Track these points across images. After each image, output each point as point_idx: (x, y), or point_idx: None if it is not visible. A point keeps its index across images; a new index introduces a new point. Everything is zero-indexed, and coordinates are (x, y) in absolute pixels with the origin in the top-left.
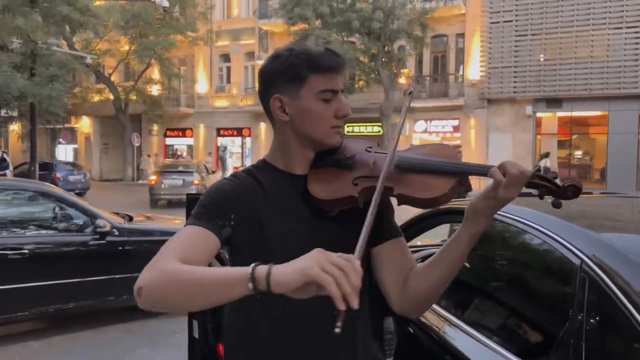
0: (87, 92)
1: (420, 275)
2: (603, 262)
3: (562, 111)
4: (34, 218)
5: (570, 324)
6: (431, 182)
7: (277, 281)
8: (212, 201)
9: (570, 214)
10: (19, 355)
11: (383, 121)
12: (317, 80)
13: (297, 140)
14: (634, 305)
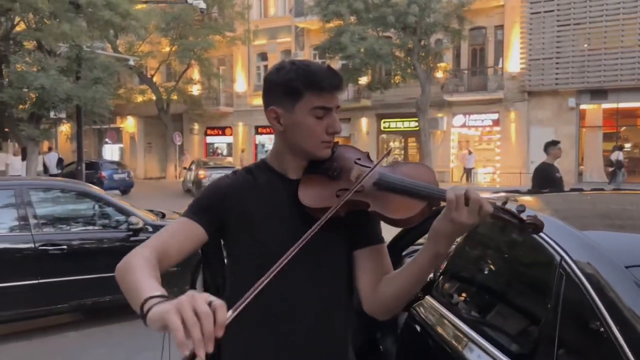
0: (130, 93)
1: (388, 283)
2: (581, 260)
3: (607, 103)
4: (74, 216)
5: (545, 319)
6: (403, 203)
7: (150, 316)
8: (207, 195)
9: (561, 210)
10: (58, 345)
11: (419, 116)
12: (311, 97)
13: (290, 149)
14: (606, 306)
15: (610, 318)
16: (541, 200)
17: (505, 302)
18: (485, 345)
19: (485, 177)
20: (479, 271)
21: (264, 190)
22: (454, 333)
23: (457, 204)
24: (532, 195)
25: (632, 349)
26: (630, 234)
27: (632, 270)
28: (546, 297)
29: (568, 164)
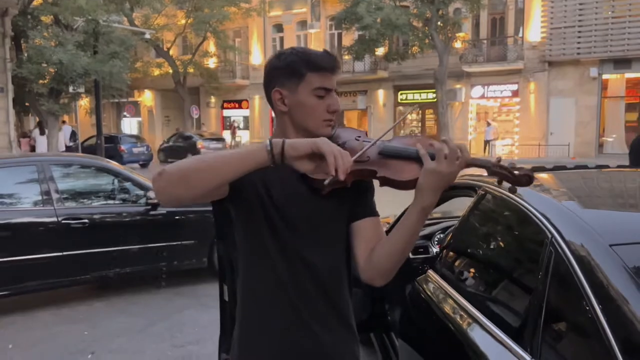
0: (147, 66)
1: (382, 245)
2: (569, 239)
3: (631, 72)
4: (94, 190)
5: (535, 293)
6: (408, 167)
7: (291, 145)
8: None
9: (551, 188)
10: (82, 314)
11: (437, 87)
12: (313, 78)
13: (294, 128)
14: (590, 284)
15: (592, 293)
16: (541, 178)
17: (501, 277)
18: (481, 318)
19: (503, 149)
20: (479, 248)
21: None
22: (453, 305)
23: (426, 157)
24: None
25: (610, 323)
26: (616, 213)
27: (616, 249)
28: (537, 272)
29: (588, 135)
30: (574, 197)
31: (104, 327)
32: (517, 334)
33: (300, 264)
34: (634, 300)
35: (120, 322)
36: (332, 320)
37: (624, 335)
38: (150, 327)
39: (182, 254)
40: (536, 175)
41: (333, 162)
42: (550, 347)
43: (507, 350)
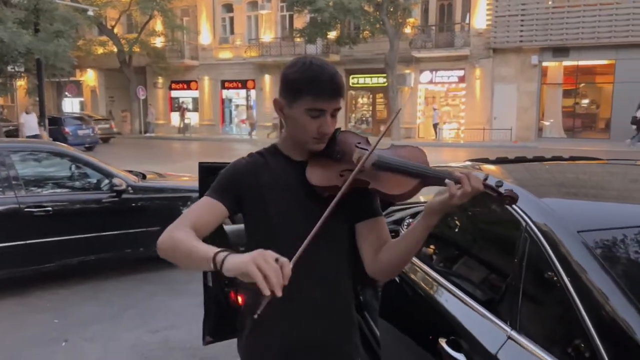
0: (90, 44)
1: (389, 251)
2: (542, 225)
3: (568, 60)
4: (54, 177)
5: (513, 274)
6: (399, 181)
7: (227, 266)
8: (226, 176)
9: (524, 180)
10: (50, 302)
11: (388, 72)
12: (309, 99)
13: (289, 136)
14: (561, 264)
15: (564, 273)
16: (506, 170)
17: (481, 260)
18: (463, 296)
19: (450, 133)
20: (454, 231)
21: (275, 171)
22: (432, 285)
23: (452, 189)
24: (497, 165)
25: (580, 297)
26: (580, 202)
27: (583, 234)
28: (515, 256)
29: (529, 120)
30: (541, 187)
31: (74, 315)
32: (497, 309)
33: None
34: (599, 279)
35: (90, 310)
36: (332, 314)
37: (593, 309)
38: (122, 313)
39: (148, 241)
40: (504, 167)
41: (264, 285)
42: (528, 319)
43: (489, 322)
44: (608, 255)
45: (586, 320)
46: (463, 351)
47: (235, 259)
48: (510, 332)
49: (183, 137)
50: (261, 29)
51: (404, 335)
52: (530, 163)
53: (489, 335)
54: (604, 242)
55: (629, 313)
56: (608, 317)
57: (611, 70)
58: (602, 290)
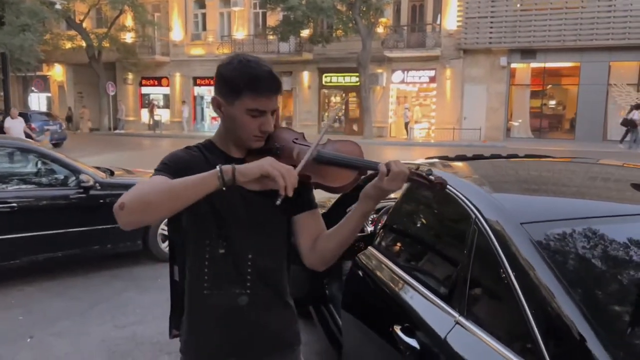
0: (58, 39)
1: (326, 239)
2: (489, 218)
3: (535, 62)
4: (19, 173)
5: (462, 264)
6: (338, 174)
7: (241, 171)
8: (171, 160)
9: (477, 176)
10: (15, 299)
11: (360, 71)
12: (249, 98)
13: (228, 134)
14: (505, 254)
15: (506, 262)
16: (464, 166)
17: (434, 251)
18: (417, 286)
19: (421, 132)
20: (412, 226)
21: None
22: (391, 277)
23: (385, 175)
24: (460, 162)
25: (520, 285)
26: (526, 196)
27: (525, 226)
28: (464, 247)
29: (498, 120)
30: (492, 182)
31: (41, 311)
32: (449, 297)
33: (242, 253)
34: (539, 267)
35: (58, 306)
36: (272, 303)
37: (531, 295)
38: (90, 309)
39: (116, 237)
40: (460, 164)
41: (282, 183)
42: (475, 306)
43: (440, 310)
44: (548, 245)
45: (525, 306)
46: (416, 337)
47: (248, 165)
48: (459, 318)
49: (153, 134)
50: (234, 25)
51: (364, 324)
52: (486, 160)
53: (439, 321)
54: (545, 233)
55: (563, 300)
56: (544, 303)
57: (576, 73)
58: (540, 278)
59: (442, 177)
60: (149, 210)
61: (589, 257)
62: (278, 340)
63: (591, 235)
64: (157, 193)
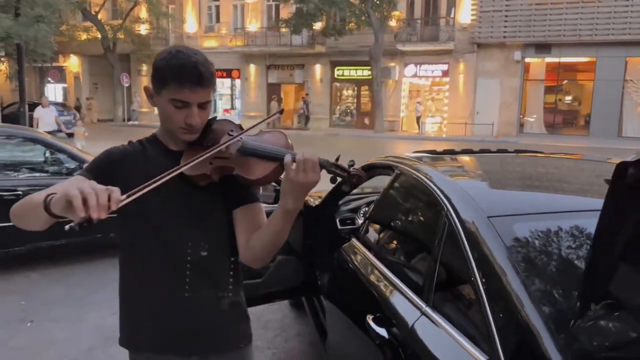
0: (73, 30)
1: (257, 236)
2: (459, 211)
3: (550, 57)
4: (26, 162)
5: (431, 258)
6: (260, 166)
7: (52, 203)
8: (101, 159)
9: (455, 170)
10: (18, 285)
11: (372, 64)
12: (172, 89)
13: (163, 126)
14: (470, 247)
15: (471, 255)
16: (448, 160)
17: (409, 243)
18: (391, 277)
19: (432, 127)
20: (391, 218)
21: (150, 161)
22: (369, 268)
23: (289, 166)
24: (446, 155)
25: (482, 277)
26: (497, 191)
27: (492, 220)
28: (435, 240)
29: (511, 115)
30: (468, 176)
31: (41, 297)
32: (419, 289)
33: (179, 251)
34: (501, 261)
35: (58, 292)
36: (213, 301)
37: (490, 289)
38: (89, 296)
39: None
40: (445, 158)
41: (80, 207)
42: (441, 297)
43: (409, 301)
44: (512, 239)
45: (484, 299)
46: (385, 326)
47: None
48: (425, 309)
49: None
50: (247, 18)
51: (344, 314)
52: (471, 155)
53: (407, 311)
54: (511, 227)
55: (520, 294)
56: (501, 296)
57: (592, 68)
58: (501, 273)
59: (361, 170)
60: (22, 222)
61: (551, 252)
62: (220, 340)
63: (555, 230)
64: (22, 209)
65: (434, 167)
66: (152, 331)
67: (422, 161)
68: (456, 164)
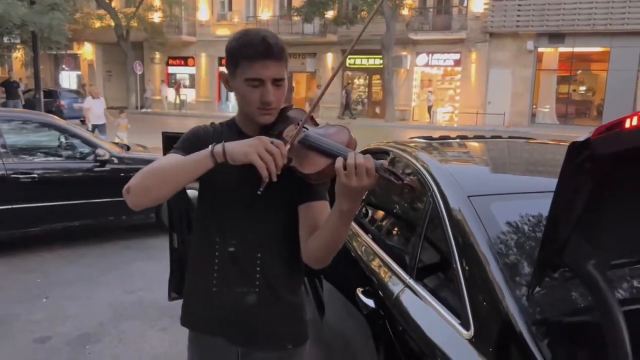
0: (87, 17)
1: (316, 237)
2: (443, 190)
3: (563, 46)
4: (41, 146)
5: (416, 235)
6: (315, 160)
7: (229, 153)
8: (188, 138)
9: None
10: (34, 264)
11: (384, 53)
12: (245, 67)
13: (240, 109)
14: (450, 224)
15: (451, 233)
16: (442, 145)
17: (398, 221)
18: (381, 252)
19: (444, 117)
20: (383, 198)
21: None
22: (361, 245)
23: (341, 171)
24: (441, 141)
25: (459, 248)
26: (480, 172)
27: (471, 199)
28: (420, 217)
29: (523, 105)
30: (455, 160)
31: (57, 276)
32: (405, 264)
33: (251, 251)
34: (478, 235)
35: (72, 272)
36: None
37: (466, 258)
38: (102, 276)
39: (130, 209)
40: (440, 143)
41: (265, 173)
42: (423, 271)
43: (395, 275)
44: (488, 216)
45: (459, 269)
46: (373, 298)
47: (236, 147)
48: (409, 281)
49: (179, 113)
50: (259, 6)
51: (338, 291)
52: (464, 141)
53: (392, 284)
54: (488, 205)
55: (494, 265)
56: (475, 268)
57: (606, 58)
58: (475, 246)
59: (415, 181)
60: (150, 194)
61: (522, 227)
62: (261, 336)
63: (527, 208)
64: (154, 177)
65: (426, 151)
66: (201, 314)
67: (415, 146)
68: (448, 149)
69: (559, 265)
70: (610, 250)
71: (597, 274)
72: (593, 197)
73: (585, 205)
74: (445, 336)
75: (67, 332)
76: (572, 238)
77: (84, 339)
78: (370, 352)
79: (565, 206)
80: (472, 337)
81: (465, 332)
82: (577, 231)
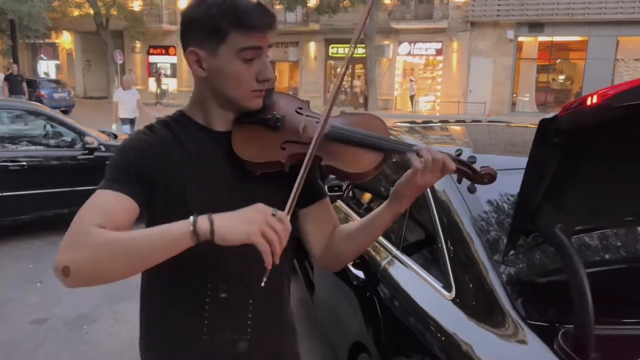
0: (65, 6)
1: (346, 238)
2: None
3: (543, 36)
4: (28, 134)
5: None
6: (359, 156)
7: (221, 235)
8: (127, 160)
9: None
10: (24, 250)
11: (367, 42)
12: (238, 37)
13: (215, 99)
14: (434, 197)
15: (434, 207)
16: (427, 129)
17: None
18: None
19: (426, 106)
20: (372, 181)
21: (188, 146)
22: None
23: (424, 168)
24: (426, 125)
25: (441, 220)
26: None
27: (452, 175)
28: None
29: (503, 94)
30: (437, 142)
31: (48, 261)
32: (391, 237)
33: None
34: (459, 208)
35: None
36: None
37: (448, 229)
38: None
39: None
40: (425, 127)
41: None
42: (408, 243)
43: (382, 247)
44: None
45: (441, 238)
46: (362, 269)
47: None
48: (396, 252)
49: (160, 103)
50: None
51: None
52: (446, 124)
53: (380, 255)
54: None
55: (473, 233)
56: (456, 237)
57: (584, 47)
58: (458, 218)
59: (490, 167)
60: (103, 275)
61: (499, 200)
62: None
63: (504, 183)
64: (112, 256)
65: (409, 134)
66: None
67: (400, 130)
68: (430, 132)
69: (530, 230)
70: (575, 216)
71: (564, 237)
72: (560, 168)
73: (554, 175)
74: (430, 298)
75: (63, 314)
76: (542, 205)
77: (81, 320)
78: (359, 322)
79: (537, 177)
80: (454, 297)
81: (447, 293)
82: (546, 199)
